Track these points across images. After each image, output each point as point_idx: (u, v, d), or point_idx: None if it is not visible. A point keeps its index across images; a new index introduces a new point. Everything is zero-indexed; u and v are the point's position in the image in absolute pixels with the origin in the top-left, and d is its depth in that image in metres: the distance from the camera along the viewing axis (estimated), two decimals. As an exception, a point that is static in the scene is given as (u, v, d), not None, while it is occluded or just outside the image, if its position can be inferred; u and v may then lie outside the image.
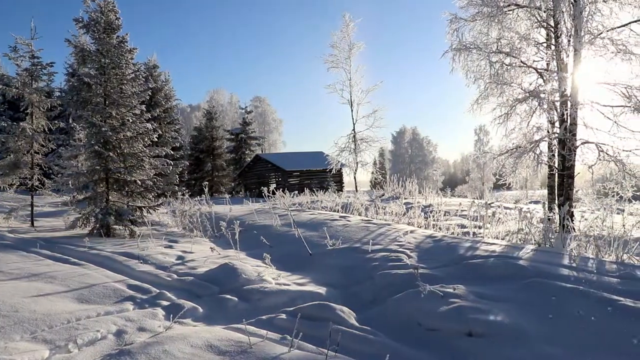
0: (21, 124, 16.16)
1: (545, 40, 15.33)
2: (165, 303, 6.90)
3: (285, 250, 10.77)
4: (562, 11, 13.44)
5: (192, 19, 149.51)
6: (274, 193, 20.45)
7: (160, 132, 18.06)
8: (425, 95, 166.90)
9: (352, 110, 33.20)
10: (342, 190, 38.71)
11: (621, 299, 5.83)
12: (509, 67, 15.16)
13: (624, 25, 13.52)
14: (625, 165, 13.23)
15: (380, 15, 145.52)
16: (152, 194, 15.06)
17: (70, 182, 14.37)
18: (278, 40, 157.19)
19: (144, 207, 14.81)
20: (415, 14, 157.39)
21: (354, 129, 33.28)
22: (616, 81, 13.32)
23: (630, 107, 12.97)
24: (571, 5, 13.34)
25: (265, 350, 4.77)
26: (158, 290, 7.44)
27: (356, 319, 6.10)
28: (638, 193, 13.58)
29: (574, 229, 11.46)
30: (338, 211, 17.05)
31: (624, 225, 9.87)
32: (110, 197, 14.23)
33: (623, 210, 13.31)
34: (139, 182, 14.24)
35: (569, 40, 13.87)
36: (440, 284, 6.71)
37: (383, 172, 66.65)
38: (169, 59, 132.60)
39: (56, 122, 17.86)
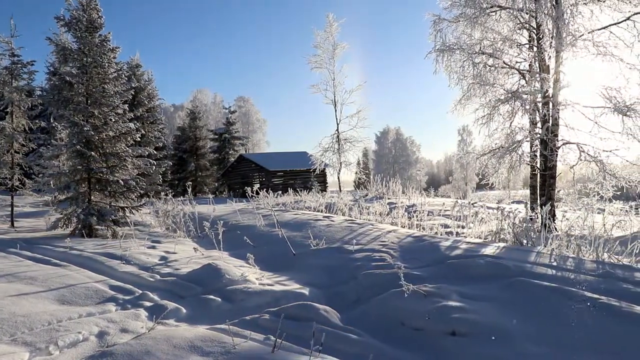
0: (1, 122, 15.95)
1: (527, 42, 15.48)
2: (148, 304, 6.85)
3: (268, 251, 10.75)
4: (544, 13, 13.57)
5: (176, 18, 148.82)
6: (257, 193, 20.40)
7: (143, 131, 17.93)
8: (410, 95, 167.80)
9: (335, 111, 33.19)
10: (325, 191, 38.67)
11: (602, 297, 5.90)
12: (491, 68, 15.29)
13: (604, 28, 13.71)
14: (606, 165, 13.40)
15: (366, 14, 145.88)
16: (135, 194, 14.95)
17: (51, 182, 14.23)
18: (263, 40, 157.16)
19: (127, 207, 14.69)
20: (402, 14, 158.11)
21: (337, 129, 33.27)
22: (596, 82, 13.49)
23: (610, 107, 13.14)
24: (553, 7, 13.47)
25: (249, 350, 4.75)
26: (141, 291, 7.39)
27: (340, 319, 6.11)
28: (618, 193, 13.74)
29: (555, 228, 11.58)
30: (322, 211, 17.06)
31: (604, 225, 9.98)
32: (92, 197, 14.10)
33: (604, 210, 13.47)
34: (122, 182, 14.12)
35: (550, 42, 14.00)
36: (423, 284, 6.75)
37: (367, 172, 66.74)
38: (152, 58, 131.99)
39: (37, 121, 17.68)
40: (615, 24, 13.66)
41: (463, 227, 13.02)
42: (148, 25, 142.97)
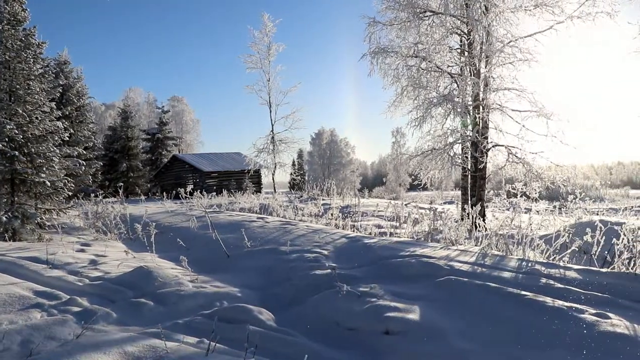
0: None
1: (459, 47, 15.96)
2: (76, 309, 6.59)
3: (202, 253, 10.61)
4: (475, 19, 14.03)
5: (108, 15, 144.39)
6: (191, 194, 20.12)
7: (71, 131, 17.36)
8: (345, 96, 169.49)
9: (270, 111, 33.21)
10: (260, 192, 38.54)
11: (527, 293, 6.14)
12: (425, 72, 15.66)
13: (529, 35, 14.33)
14: (532, 166, 14.00)
15: (302, 15, 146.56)
16: (63, 195, 14.41)
17: (-30, 184, 13.53)
18: (197, 39, 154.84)
19: (54, 209, 14.16)
20: (340, 15, 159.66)
21: (272, 130, 33.28)
22: (523, 87, 14.09)
23: (536, 112, 13.75)
24: (483, 14, 13.95)
25: (182, 354, 4.68)
26: (68, 296, 7.11)
27: (274, 320, 6.10)
28: (543, 193, 14.37)
29: (485, 228, 11.98)
30: (256, 212, 16.99)
31: (530, 224, 10.41)
32: (16, 199, 13.49)
33: (530, 210, 14.04)
34: (48, 184, 13.57)
35: (481, 47, 14.50)
36: (357, 284, 6.83)
37: (302, 173, 66.96)
38: (82, 55, 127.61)
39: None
40: (540, 32, 14.31)
41: (396, 228, 13.25)
42: (77, 21, 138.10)
